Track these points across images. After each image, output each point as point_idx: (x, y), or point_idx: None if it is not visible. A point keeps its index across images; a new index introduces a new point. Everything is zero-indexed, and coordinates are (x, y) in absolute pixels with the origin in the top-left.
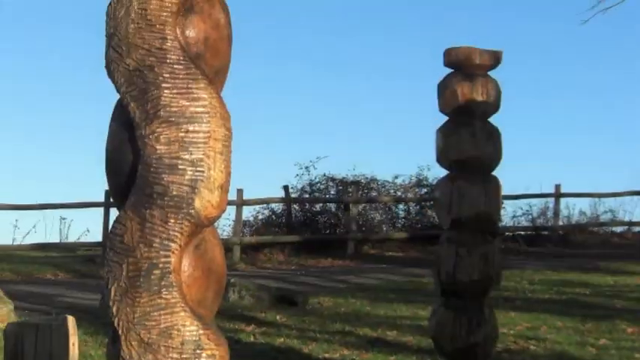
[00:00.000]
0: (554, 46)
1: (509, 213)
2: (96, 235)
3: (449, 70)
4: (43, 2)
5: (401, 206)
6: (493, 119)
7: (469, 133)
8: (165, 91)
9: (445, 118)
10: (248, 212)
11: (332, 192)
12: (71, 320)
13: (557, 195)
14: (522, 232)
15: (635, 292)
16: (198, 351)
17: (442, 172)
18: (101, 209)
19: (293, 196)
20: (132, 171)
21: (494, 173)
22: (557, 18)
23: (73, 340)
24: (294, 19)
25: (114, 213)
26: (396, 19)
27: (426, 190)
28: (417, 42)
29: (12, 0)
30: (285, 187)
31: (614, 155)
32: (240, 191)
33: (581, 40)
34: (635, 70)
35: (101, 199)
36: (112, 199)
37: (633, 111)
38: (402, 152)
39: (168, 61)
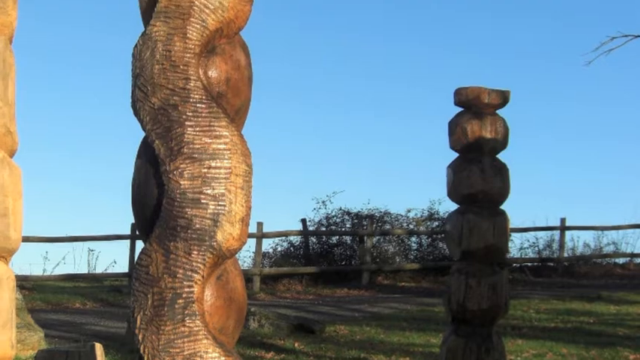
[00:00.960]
0: (560, 86)
1: (517, 245)
2: (122, 266)
3: (459, 109)
4: (75, 46)
5: (413, 239)
6: (501, 156)
7: (478, 169)
8: (189, 128)
9: (455, 155)
10: (267, 244)
11: (347, 225)
12: (99, 347)
13: (563, 228)
14: (529, 264)
15: (637, 320)
16: None
17: (453, 206)
18: (127, 242)
19: (310, 229)
20: (157, 205)
21: (502, 207)
22: (562, 59)
23: None
24: (312, 62)
25: (139, 245)
26: (408, 60)
27: (437, 223)
28: (429, 82)
29: (47, 42)
30: (303, 221)
31: (617, 190)
32: (260, 224)
33: (586, 81)
34: (637, 108)
35: (127, 232)
36: (137, 232)
37: (635, 148)
38: (415, 187)
39: (191, 100)
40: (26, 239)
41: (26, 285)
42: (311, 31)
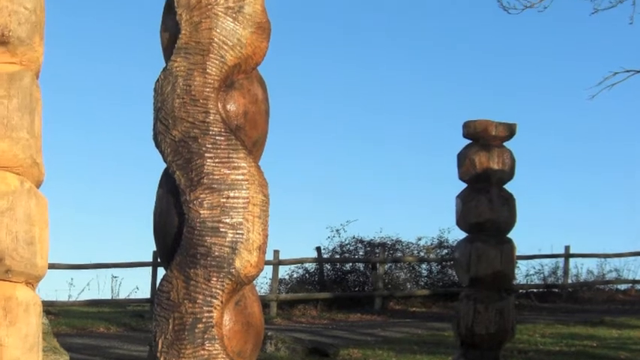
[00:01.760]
0: (564, 119)
1: (523, 272)
2: (144, 292)
3: (467, 141)
4: (99, 80)
5: (424, 266)
6: (508, 186)
7: (486, 198)
8: (208, 160)
9: (464, 185)
10: (284, 271)
11: (360, 253)
12: None
13: (567, 255)
14: (535, 290)
15: (638, 344)
16: None
17: (462, 235)
18: (149, 268)
19: (325, 256)
20: (177, 233)
21: (509, 235)
22: (566, 93)
23: None
24: (327, 96)
25: (161, 272)
26: (419, 94)
27: (446, 251)
28: (438, 115)
29: (73, 76)
30: (318, 249)
31: (619, 220)
32: (276, 252)
33: (589, 114)
34: (639, 141)
35: (149, 259)
36: (159, 259)
37: (636, 179)
38: (425, 216)
39: (210, 132)
40: (52, 266)
41: (52, 310)
42: (325, 65)
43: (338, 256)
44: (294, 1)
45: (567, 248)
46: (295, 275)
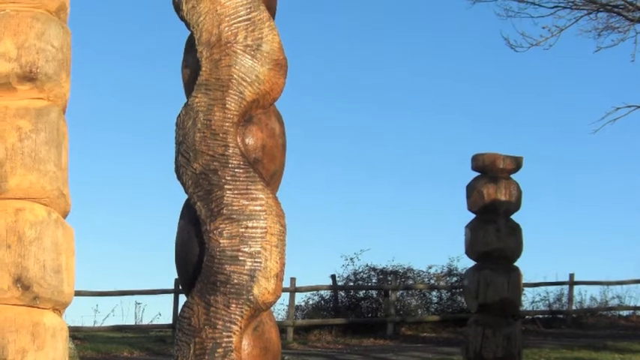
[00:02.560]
0: (569, 153)
1: (529, 298)
2: (167, 318)
3: (476, 174)
4: (123, 116)
5: (434, 293)
6: (515, 216)
7: (494, 228)
8: (228, 192)
9: (473, 216)
10: (300, 298)
11: (373, 280)
12: None
13: (571, 283)
14: (540, 316)
15: None
16: None
17: (470, 263)
18: (171, 295)
19: (339, 283)
20: (198, 262)
21: (516, 264)
22: (571, 127)
23: None
24: (341, 131)
25: (182, 299)
26: (429, 129)
27: (456, 278)
28: (448, 149)
29: (98, 111)
30: (333, 276)
31: (621, 249)
32: (293, 280)
33: (593, 148)
34: None
35: (171, 286)
36: (180, 287)
37: (637, 210)
38: (435, 245)
39: (230, 165)
40: (78, 293)
41: (78, 335)
42: (339, 101)
43: (352, 284)
44: (305, 39)
45: (572, 276)
46: (311, 302)
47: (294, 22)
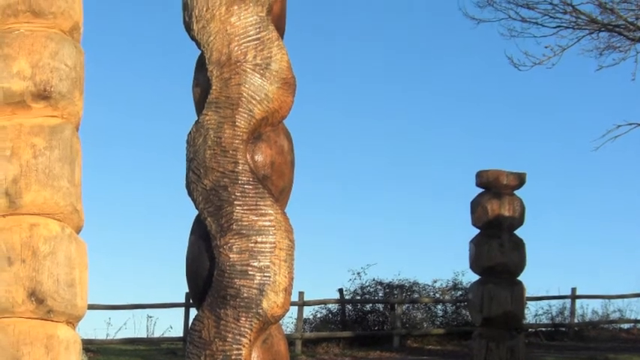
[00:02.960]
0: (571, 169)
1: (532, 312)
2: (178, 331)
3: (480, 190)
4: (134, 133)
5: (439, 306)
6: (519, 232)
7: (498, 243)
8: (237, 207)
9: (477, 231)
10: (308, 311)
11: (380, 294)
12: None
13: (573, 297)
14: (543, 329)
15: None
16: None
17: (474, 277)
18: (182, 309)
19: (347, 297)
20: (208, 276)
21: (519, 278)
22: (573, 144)
23: None
24: (349, 148)
25: (193, 312)
26: (435, 146)
27: (460, 292)
28: (453, 165)
29: (110, 129)
30: (340, 290)
31: (622, 263)
32: (301, 294)
33: (594, 165)
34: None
35: (182, 300)
36: (191, 300)
37: (638, 224)
38: (440, 260)
39: (239, 182)
40: (91, 307)
41: (91, 348)
42: (346, 118)
43: (359, 297)
44: (313, 57)
45: (574, 290)
46: (319, 315)
47: (302, 42)
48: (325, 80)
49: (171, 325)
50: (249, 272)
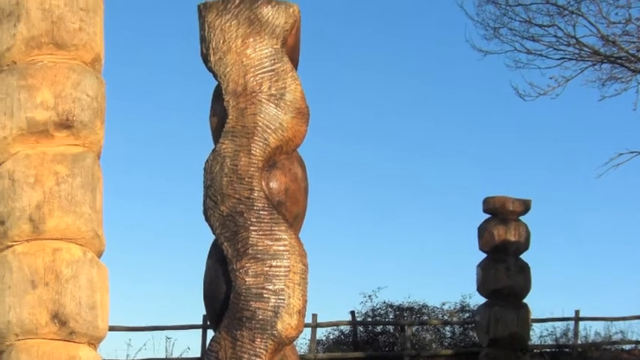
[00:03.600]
0: (575, 196)
1: (537, 333)
2: (195, 352)
3: (487, 216)
4: (154, 161)
5: (448, 328)
6: (524, 256)
7: (504, 267)
8: (253, 233)
9: (484, 255)
10: (321, 333)
11: (390, 316)
12: None
13: (577, 319)
14: (548, 349)
15: None
16: None
17: (482, 300)
18: (200, 330)
19: (358, 319)
20: (225, 299)
21: (524, 301)
22: (576, 172)
23: None
24: (362, 177)
25: (210, 334)
26: (443, 173)
27: (468, 314)
28: (460, 192)
29: (130, 156)
30: (352, 313)
31: (624, 286)
32: (314, 315)
33: (597, 191)
34: None
35: (200, 322)
36: (208, 322)
37: (639, 248)
38: (449, 283)
39: (255, 208)
40: (112, 328)
41: None
42: (357, 147)
43: (370, 319)
44: (325, 88)
45: (577, 312)
46: (331, 336)
47: (315, 72)
48: (336, 110)
49: (189, 346)
50: (265, 295)
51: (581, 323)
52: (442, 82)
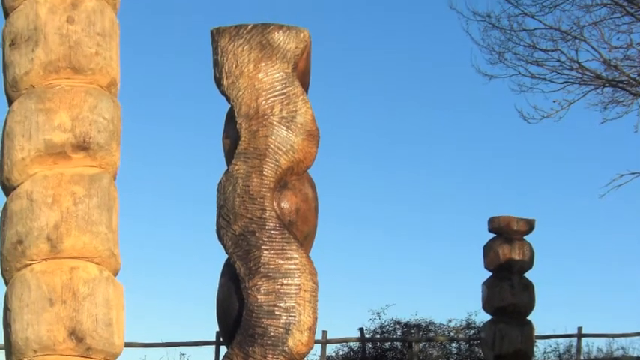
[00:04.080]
0: (578, 216)
1: (541, 349)
2: None
3: (492, 235)
4: (168, 183)
5: (454, 344)
6: (528, 274)
7: (509, 285)
8: (265, 251)
9: (489, 274)
10: (331, 349)
11: (398, 333)
12: None
13: (579, 335)
14: None
15: None
16: None
17: (487, 317)
18: (213, 347)
19: (367, 336)
20: (237, 316)
21: (529, 318)
22: (579, 192)
23: None
24: (372, 196)
25: (223, 350)
26: (448, 193)
27: (474, 331)
28: (466, 211)
29: (147, 178)
30: (361, 329)
31: (625, 303)
32: (324, 332)
33: (599, 211)
34: None
35: (213, 338)
36: (221, 338)
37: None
38: (455, 301)
39: (266, 227)
40: (128, 344)
41: None
42: (366, 167)
43: (378, 336)
44: (334, 111)
45: (580, 329)
46: (341, 353)
47: (325, 95)
48: (345, 132)
49: None
50: (276, 312)
51: (584, 340)
52: (449, 105)
